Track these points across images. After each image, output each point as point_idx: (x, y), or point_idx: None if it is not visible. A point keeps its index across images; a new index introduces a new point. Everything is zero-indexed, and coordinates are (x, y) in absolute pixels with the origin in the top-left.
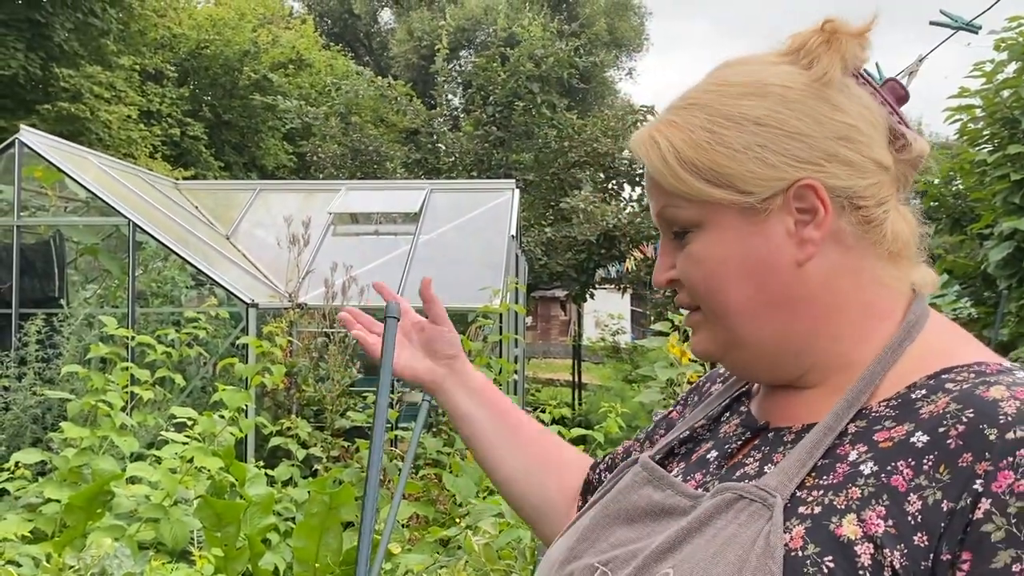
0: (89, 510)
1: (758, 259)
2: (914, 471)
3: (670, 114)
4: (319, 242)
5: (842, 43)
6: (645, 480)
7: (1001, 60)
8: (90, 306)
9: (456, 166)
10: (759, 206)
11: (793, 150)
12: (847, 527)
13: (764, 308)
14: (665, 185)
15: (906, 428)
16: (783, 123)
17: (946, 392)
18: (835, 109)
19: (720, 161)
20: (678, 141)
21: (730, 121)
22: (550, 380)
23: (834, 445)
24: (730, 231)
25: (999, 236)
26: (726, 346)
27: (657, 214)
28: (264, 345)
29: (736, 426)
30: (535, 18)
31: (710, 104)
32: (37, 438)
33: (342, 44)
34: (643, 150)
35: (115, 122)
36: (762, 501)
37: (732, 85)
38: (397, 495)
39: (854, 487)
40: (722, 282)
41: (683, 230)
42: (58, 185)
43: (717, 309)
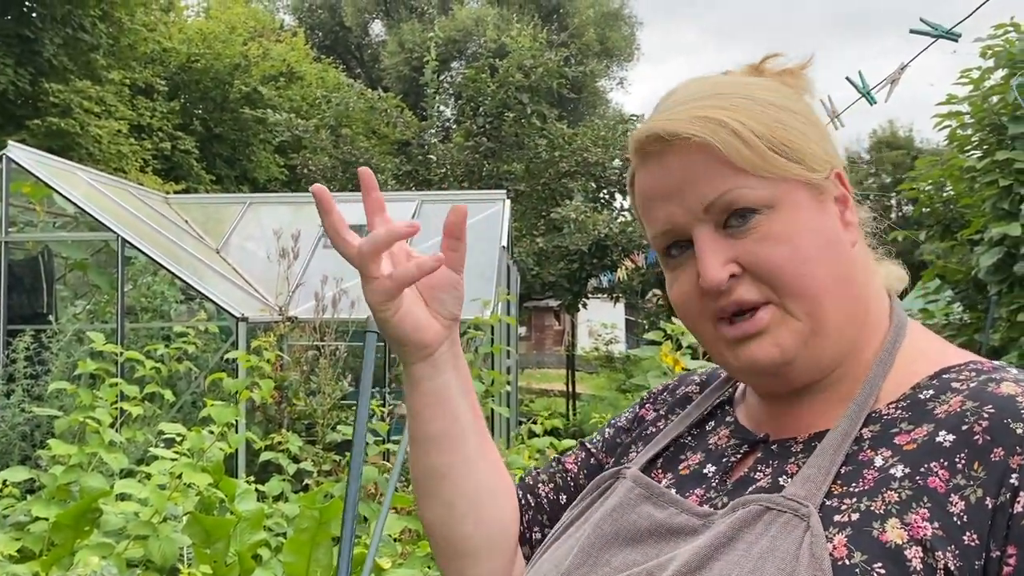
0: (77, 528)
1: (831, 236)
2: (949, 471)
3: (704, 101)
4: (309, 255)
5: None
6: (642, 497)
7: (988, 67)
8: (79, 322)
9: (447, 177)
10: (823, 185)
11: (824, 140)
12: (892, 532)
13: (841, 287)
14: (742, 163)
15: (926, 429)
16: (810, 116)
17: (954, 391)
18: (817, 120)
19: (790, 138)
20: (746, 119)
21: (777, 108)
22: (544, 390)
23: (852, 452)
24: (804, 209)
25: (989, 242)
26: (805, 338)
27: (711, 203)
28: (252, 359)
29: (728, 437)
30: (524, 29)
31: (750, 94)
32: (26, 455)
33: (333, 56)
34: (703, 128)
35: (105, 137)
36: (793, 512)
37: (751, 83)
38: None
39: (889, 491)
40: (809, 258)
41: (748, 212)
42: (46, 200)
43: (806, 289)
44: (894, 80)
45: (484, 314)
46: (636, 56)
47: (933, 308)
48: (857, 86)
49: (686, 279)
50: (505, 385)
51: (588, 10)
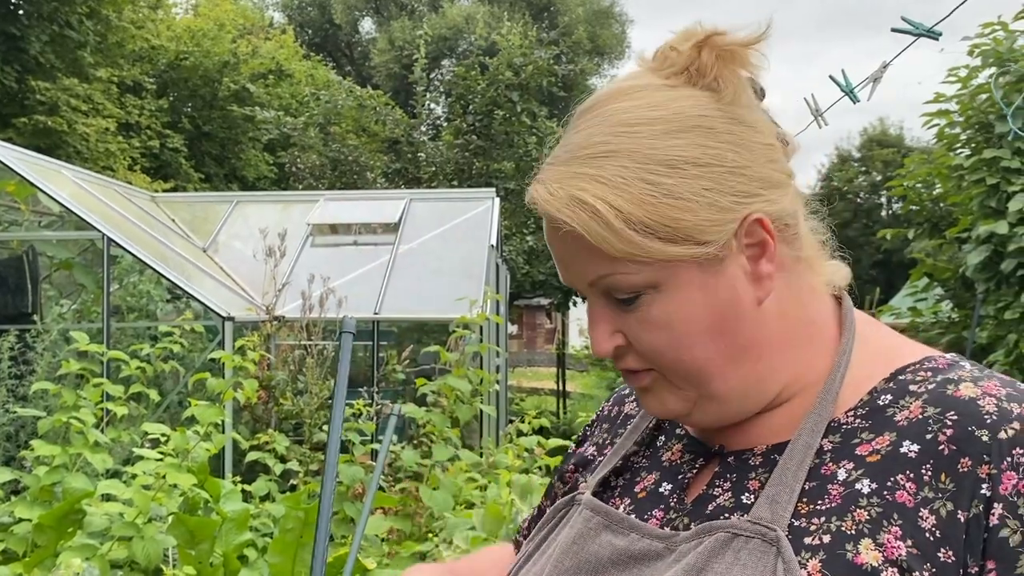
0: (60, 529)
1: (725, 309)
2: (916, 484)
3: (581, 166)
4: (297, 253)
5: (739, 56)
6: (601, 526)
7: (975, 66)
8: (64, 321)
9: (437, 175)
10: (718, 253)
11: (737, 186)
12: (866, 554)
13: (734, 357)
14: (610, 251)
15: (888, 438)
16: (721, 159)
17: (912, 395)
18: (755, 131)
19: (673, 215)
20: (617, 200)
21: (666, 167)
22: (535, 389)
23: (815, 465)
24: (691, 287)
25: (976, 240)
26: (693, 403)
27: (590, 283)
28: (236, 360)
29: (681, 452)
30: (515, 27)
31: (633, 149)
32: (10, 456)
33: (323, 54)
34: (570, 216)
35: (93, 135)
36: (761, 536)
37: (645, 123)
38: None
39: (859, 509)
40: (691, 343)
41: (632, 296)
42: (31, 199)
43: (685, 370)
44: (876, 79)
45: (472, 313)
46: (627, 54)
47: (921, 306)
48: (840, 84)
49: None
50: (494, 385)
51: (579, 8)
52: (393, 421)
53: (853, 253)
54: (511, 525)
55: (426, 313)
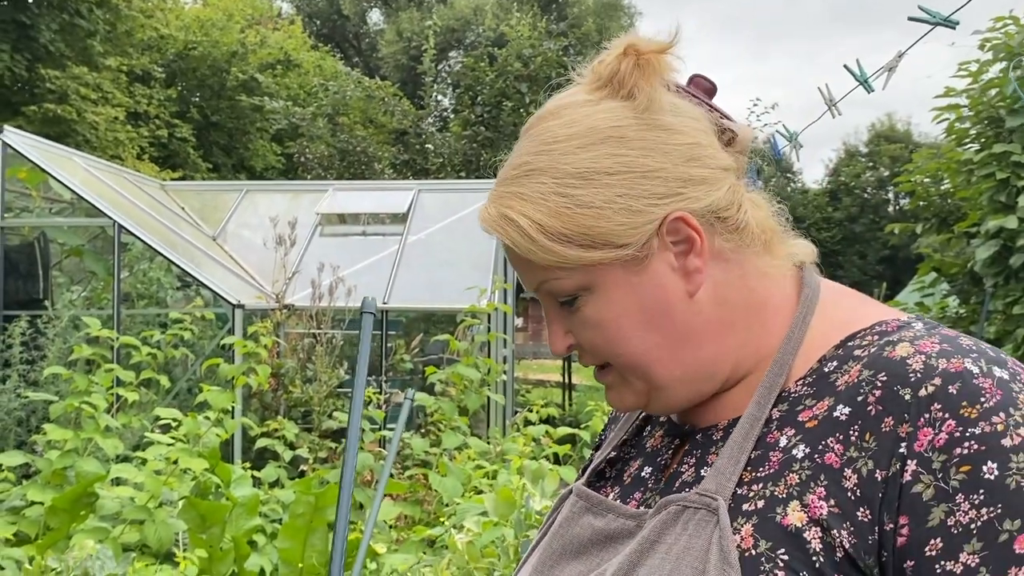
0: (73, 512)
1: (653, 305)
2: (844, 445)
3: (509, 186)
4: (306, 243)
5: (654, 63)
6: (584, 509)
7: (986, 60)
8: (75, 308)
9: (445, 167)
10: (639, 254)
11: (652, 189)
12: (792, 515)
13: (671, 349)
14: (538, 261)
15: (827, 403)
16: (631, 165)
17: (856, 359)
18: (672, 132)
19: (587, 223)
20: (536, 214)
21: (579, 179)
22: (540, 381)
23: (763, 434)
24: (618, 287)
25: (985, 234)
26: (646, 394)
27: (536, 288)
28: (249, 346)
29: (662, 437)
30: (523, 18)
31: (550, 166)
32: (22, 441)
33: (331, 45)
34: (501, 232)
35: (102, 123)
36: (706, 507)
37: (562, 140)
38: (378, 495)
39: (791, 473)
40: (625, 338)
41: (571, 298)
42: (43, 186)
43: (628, 363)
44: (892, 68)
45: (481, 303)
46: None
47: (929, 302)
48: (855, 74)
49: None
50: (502, 374)
51: (587, 0)
52: (408, 406)
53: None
54: (523, 509)
55: (434, 303)
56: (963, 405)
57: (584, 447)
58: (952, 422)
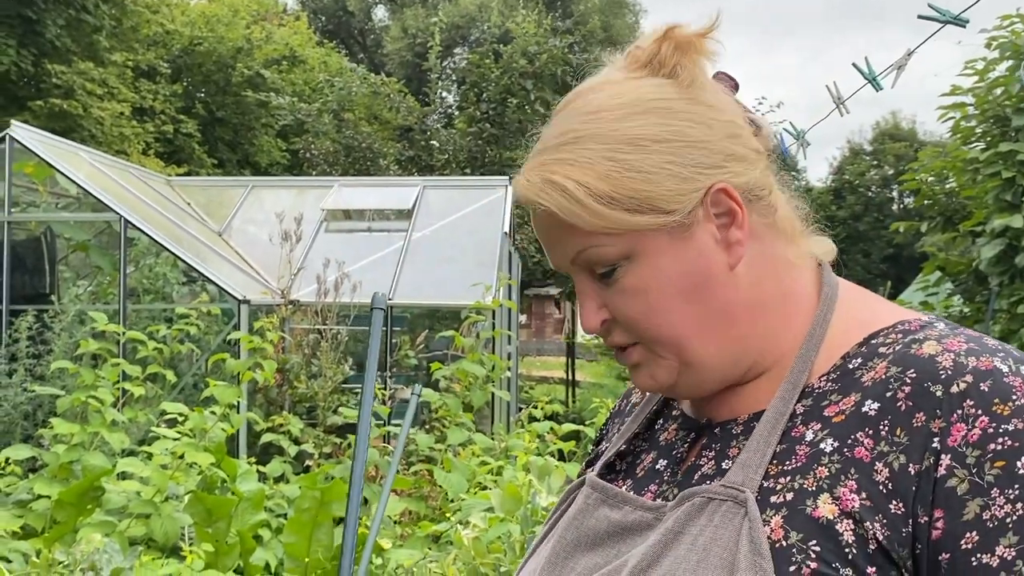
0: (79, 506)
1: (697, 274)
2: (874, 440)
3: (553, 154)
4: (312, 239)
5: (696, 44)
6: (599, 501)
7: (993, 58)
8: (81, 302)
9: (449, 163)
10: (685, 221)
11: (698, 158)
12: (823, 507)
13: (710, 322)
14: (583, 226)
15: (854, 399)
16: (680, 134)
17: (881, 356)
18: (714, 109)
19: (636, 187)
20: (584, 177)
21: (629, 144)
22: (544, 377)
23: (787, 428)
24: (663, 255)
25: (991, 233)
26: (676, 373)
27: (572, 260)
28: (255, 341)
29: (676, 430)
30: (529, 15)
31: (598, 133)
32: (28, 434)
33: (336, 41)
34: (544, 197)
35: (108, 119)
36: (732, 499)
37: (609, 109)
38: (385, 490)
39: (820, 466)
40: (666, 308)
41: (610, 268)
42: (49, 181)
43: (664, 338)
44: (901, 66)
45: (486, 299)
46: None
47: (933, 301)
48: (863, 72)
49: None
50: (506, 370)
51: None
52: (415, 401)
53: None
54: (529, 506)
55: (439, 299)
56: (995, 402)
57: (589, 443)
58: (985, 418)
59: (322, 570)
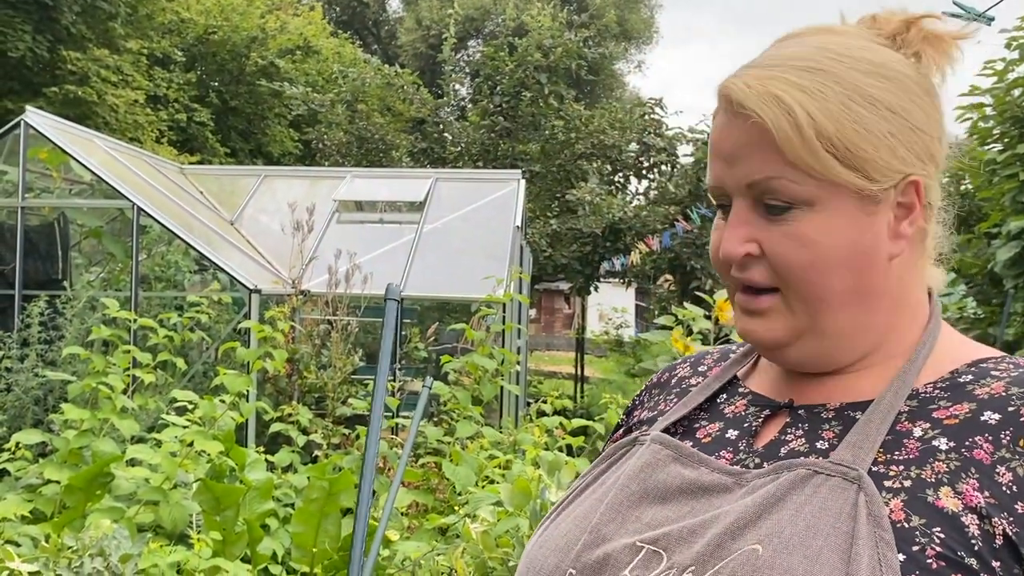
0: (88, 492)
1: (865, 248)
2: (994, 446)
3: (787, 72)
4: (323, 229)
5: (945, 43)
6: (670, 458)
7: (1012, 59)
8: (93, 289)
9: (462, 156)
10: (879, 195)
11: (914, 144)
12: (947, 500)
13: (855, 298)
14: (791, 155)
15: (967, 407)
16: (909, 114)
17: (995, 378)
18: (938, 110)
19: (857, 142)
20: (816, 110)
21: (865, 100)
22: (553, 372)
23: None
24: (845, 216)
25: (1007, 235)
26: (799, 333)
27: (754, 182)
28: (266, 330)
29: (746, 406)
30: (544, 8)
31: (842, 76)
32: (38, 419)
33: (350, 32)
34: (767, 110)
35: (122, 106)
36: (842, 476)
37: (855, 57)
38: (395, 482)
39: (937, 462)
40: (828, 268)
41: (786, 205)
42: (63, 167)
43: (811, 294)
44: None
45: (497, 292)
46: (655, 39)
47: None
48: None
49: (719, 237)
50: (516, 364)
51: None
52: (426, 394)
53: None
54: (538, 500)
55: (450, 292)
56: None
57: (598, 439)
58: None
59: (329, 560)
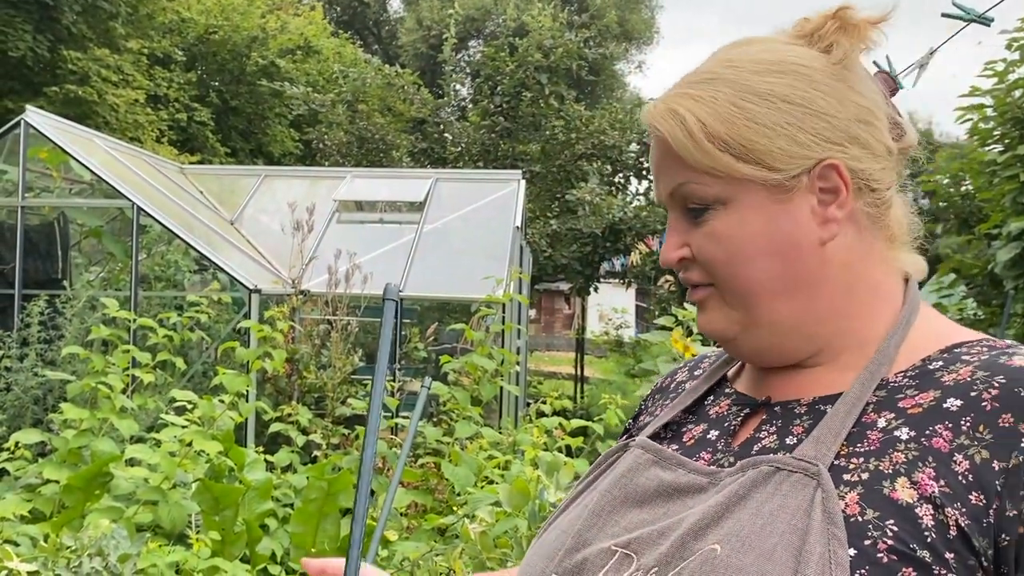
0: (87, 491)
1: (784, 237)
2: (953, 432)
3: (687, 88)
4: (323, 229)
5: (861, 29)
6: (650, 462)
7: (1013, 60)
8: (93, 288)
9: (462, 156)
10: (786, 183)
11: (819, 129)
12: (902, 491)
13: (786, 287)
14: (690, 160)
15: (933, 395)
16: (810, 101)
17: (964, 363)
18: (854, 91)
19: (750, 136)
20: (705, 115)
21: (758, 97)
22: (552, 373)
23: (859, 414)
24: (756, 209)
25: (1007, 236)
26: (741, 325)
27: (672, 191)
28: (265, 330)
29: (729, 405)
30: (545, 8)
31: (734, 80)
32: (38, 419)
33: (351, 32)
34: (662, 123)
35: (122, 106)
36: (803, 471)
37: (753, 62)
38: (394, 482)
39: (896, 452)
40: (747, 260)
41: (702, 207)
42: (63, 167)
43: (739, 288)
44: (923, 65)
45: (497, 293)
46: (656, 40)
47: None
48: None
49: None
50: (515, 365)
51: None
52: (425, 394)
53: None
54: (537, 501)
55: (450, 292)
56: None
57: (597, 440)
58: None
59: None
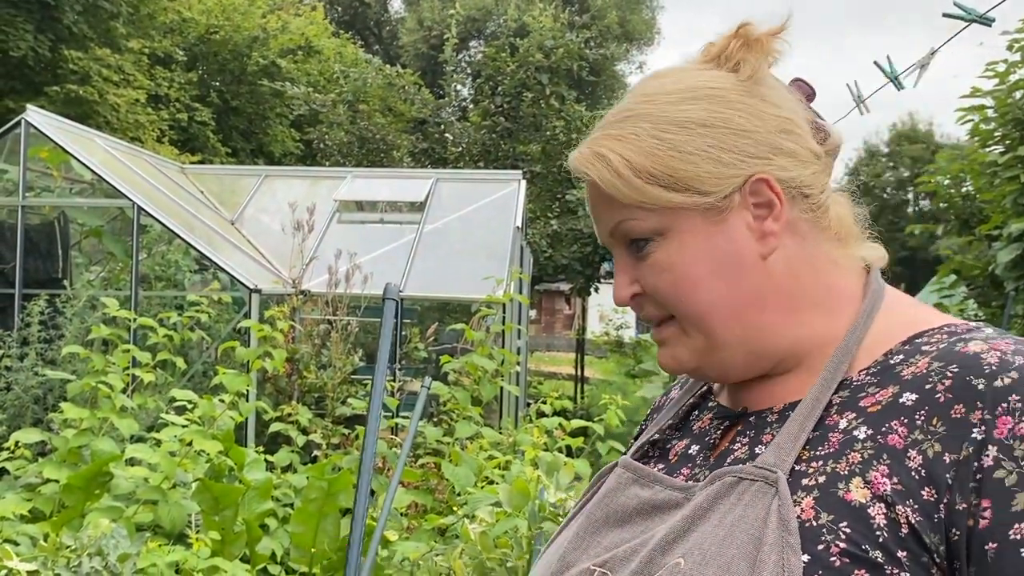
0: (87, 491)
1: (725, 257)
2: (908, 428)
3: (608, 129)
4: (324, 229)
5: (763, 43)
6: (630, 480)
7: (1014, 61)
8: (93, 288)
9: (463, 156)
10: (719, 205)
11: (742, 147)
12: (855, 491)
13: (736, 305)
14: (621, 198)
15: (891, 390)
16: (728, 121)
17: (924, 354)
18: (770, 104)
19: (675, 165)
20: (627, 152)
21: (676, 126)
22: (553, 373)
23: (822, 417)
24: (694, 234)
25: (1008, 238)
26: (702, 352)
27: (610, 232)
28: (265, 329)
29: (711, 419)
30: (546, 9)
31: (651, 113)
32: (38, 418)
33: (352, 32)
34: (590, 168)
35: (123, 105)
36: (764, 480)
37: (667, 93)
38: (394, 482)
39: (853, 452)
40: (693, 285)
41: (643, 241)
42: (64, 166)
43: (691, 313)
44: (923, 65)
45: (497, 293)
46: (656, 40)
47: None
48: (885, 71)
49: None
50: (515, 365)
51: None
52: (425, 394)
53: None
54: (537, 501)
55: (450, 292)
56: None
57: (597, 440)
58: None
59: (327, 560)
